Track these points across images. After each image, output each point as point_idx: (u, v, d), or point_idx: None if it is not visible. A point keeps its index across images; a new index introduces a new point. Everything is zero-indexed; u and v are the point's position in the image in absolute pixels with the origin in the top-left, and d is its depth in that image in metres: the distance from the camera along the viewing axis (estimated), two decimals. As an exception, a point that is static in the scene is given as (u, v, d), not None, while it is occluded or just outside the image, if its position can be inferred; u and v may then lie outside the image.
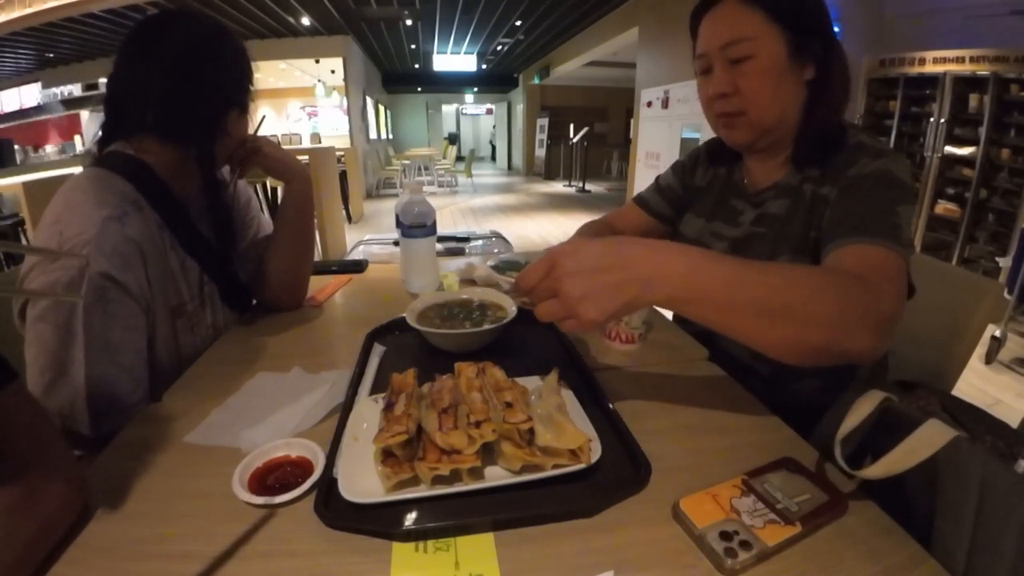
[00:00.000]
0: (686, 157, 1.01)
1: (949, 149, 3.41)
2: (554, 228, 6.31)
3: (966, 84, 3.28)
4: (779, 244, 0.76)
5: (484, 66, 12.62)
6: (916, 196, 0.70)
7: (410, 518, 0.43)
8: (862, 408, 0.48)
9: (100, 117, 0.79)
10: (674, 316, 1.00)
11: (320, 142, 10.01)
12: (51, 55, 7.86)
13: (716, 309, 0.49)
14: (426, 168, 10.16)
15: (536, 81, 12.65)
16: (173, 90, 0.72)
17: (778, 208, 0.79)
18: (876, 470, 0.42)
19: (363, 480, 0.46)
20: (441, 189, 10.06)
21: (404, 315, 0.78)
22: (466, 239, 1.52)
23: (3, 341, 0.63)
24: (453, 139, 17.80)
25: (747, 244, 0.81)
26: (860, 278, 0.54)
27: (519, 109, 14.42)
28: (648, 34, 6.44)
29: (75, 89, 8.56)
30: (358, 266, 1.25)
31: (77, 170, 0.89)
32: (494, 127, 19.43)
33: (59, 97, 8.61)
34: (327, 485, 0.46)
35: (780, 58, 0.71)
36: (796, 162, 0.78)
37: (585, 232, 1.05)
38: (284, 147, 0.93)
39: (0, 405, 0.42)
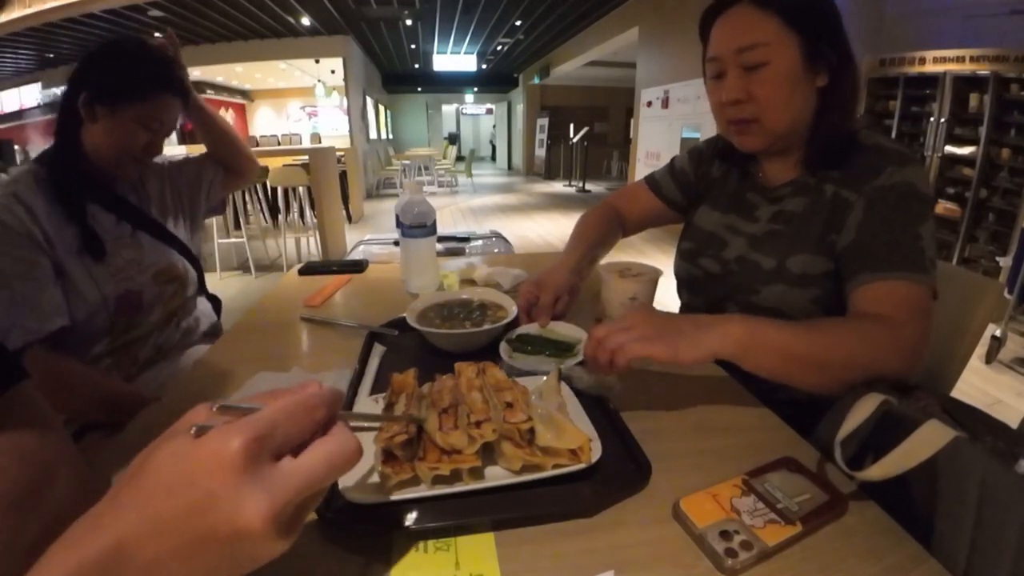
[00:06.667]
0: (704, 144, 0.99)
1: (949, 149, 3.41)
2: (554, 228, 6.31)
3: (966, 84, 3.28)
4: (797, 242, 0.76)
5: (484, 66, 12.62)
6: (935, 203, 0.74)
7: (410, 518, 0.43)
8: (861, 410, 0.48)
9: None
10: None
11: (320, 142, 10.01)
12: (51, 55, 7.86)
13: (776, 357, 0.58)
14: (426, 168, 10.16)
15: (536, 81, 12.65)
16: None
17: (796, 206, 0.78)
18: (876, 471, 0.42)
19: (363, 480, 0.46)
20: (441, 189, 10.06)
21: (404, 315, 0.78)
22: (466, 239, 1.52)
23: None
24: (453, 139, 17.79)
25: (765, 241, 0.80)
26: (888, 322, 0.61)
27: (519, 109, 14.42)
28: (648, 34, 6.44)
29: (75, 89, 8.54)
30: (358, 266, 1.25)
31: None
32: (494, 127, 19.44)
33: (59, 97, 8.59)
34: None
35: (795, 65, 0.70)
36: (808, 164, 0.78)
37: (588, 222, 1.02)
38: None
39: (10, 403, 0.42)
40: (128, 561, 0.26)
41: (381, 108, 12.82)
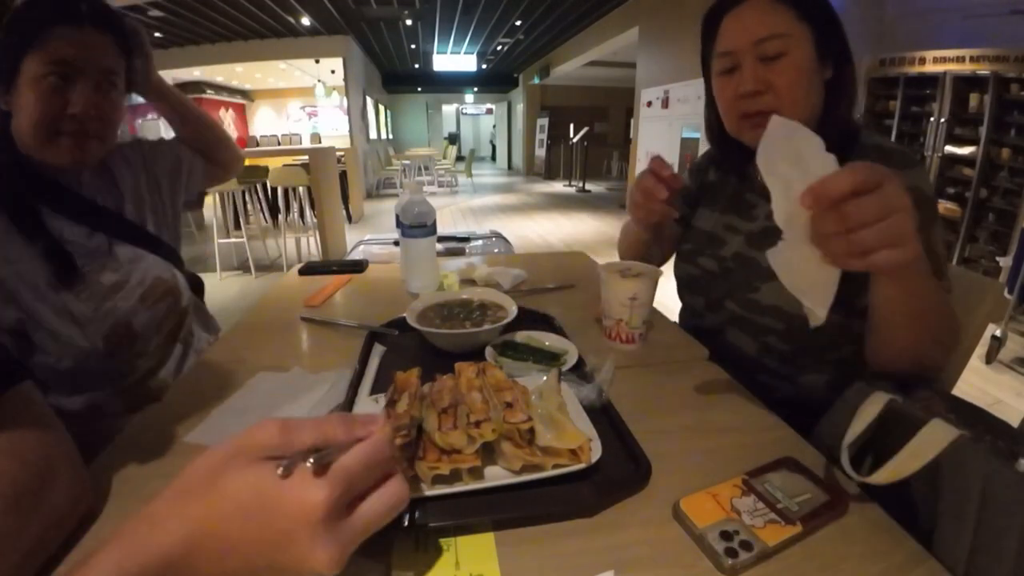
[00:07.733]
0: (701, 157, 1.02)
1: (949, 149, 3.41)
2: (554, 228, 6.31)
3: (966, 84, 3.28)
4: None
5: (484, 66, 12.62)
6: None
7: (410, 518, 0.43)
8: (868, 412, 0.48)
9: None
10: (680, 317, 1.00)
11: (320, 142, 10.02)
12: (51, 55, 7.85)
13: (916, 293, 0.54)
14: (426, 168, 10.16)
15: (536, 81, 12.65)
16: None
17: None
18: (882, 475, 0.42)
19: (363, 480, 0.46)
20: (441, 189, 10.06)
21: (404, 315, 0.78)
22: (466, 239, 1.52)
23: None
24: (453, 139, 17.81)
25: (763, 238, 0.81)
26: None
27: (519, 109, 14.42)
28: (648, 34, 6.44)
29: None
30: (358, 266, 1.25)
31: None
32: (494, 127, 19.44)
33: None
34: (327, 485, 0.46)
35: (810, 56, 0.72)
36: None
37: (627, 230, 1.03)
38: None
39: (11, 403, 0.42)
40: (188, 570, 0.28)
41: (381, 108, 12.82)
